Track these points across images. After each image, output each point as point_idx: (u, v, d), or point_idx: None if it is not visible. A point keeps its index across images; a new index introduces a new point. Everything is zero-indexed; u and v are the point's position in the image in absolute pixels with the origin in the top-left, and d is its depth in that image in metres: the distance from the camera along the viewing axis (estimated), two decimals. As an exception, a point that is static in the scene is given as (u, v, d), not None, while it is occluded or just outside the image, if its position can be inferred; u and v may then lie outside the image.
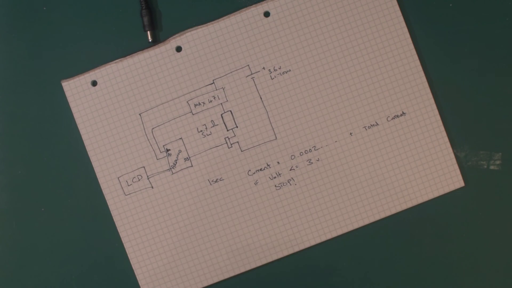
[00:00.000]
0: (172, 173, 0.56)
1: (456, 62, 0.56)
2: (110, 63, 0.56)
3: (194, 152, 0.56)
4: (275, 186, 0.56)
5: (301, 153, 0.56)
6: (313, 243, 0.56)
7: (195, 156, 0.56)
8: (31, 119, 0.57)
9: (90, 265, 0.57)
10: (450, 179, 0.56)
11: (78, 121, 0.56)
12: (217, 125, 0.56)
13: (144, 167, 0.56)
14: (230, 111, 0.56)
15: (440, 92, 0.56)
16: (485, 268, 0.56)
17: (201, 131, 0.56)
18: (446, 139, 0.56)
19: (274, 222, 0.56)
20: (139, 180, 0.56)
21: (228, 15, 0.56)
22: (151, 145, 0.56)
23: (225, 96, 0.56)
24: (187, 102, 0.56)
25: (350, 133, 0.56)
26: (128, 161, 0.56)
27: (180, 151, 0.56)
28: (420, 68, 0.56)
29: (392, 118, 0.56)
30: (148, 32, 0.56)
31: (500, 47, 0.56)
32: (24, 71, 0.57)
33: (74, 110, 0.56)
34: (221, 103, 0.56)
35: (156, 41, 0.57)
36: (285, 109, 0.56)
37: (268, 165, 0.56)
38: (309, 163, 0.56)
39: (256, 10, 0.56)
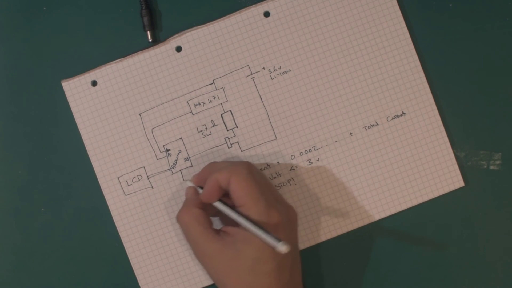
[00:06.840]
0: (172, 173, 0.56)
1: (456, 62, 0.56)
2: (110, 63, 0.56)
3: (194, 152, 0.56)
4: (275, 186, 0.56)
5: (301, 153, 0.56)
6: (313, 243, 0.56)
7: (195, 156, 0.56)
8: (31, 119, 0.57)
9: (90, 265, 0.57)
10: (450, 179, 0.56)
11: (78, 121, 0.56)
12: (217, 125, 0.56)
13: (144, 167, 0.56)
14: (230, 111, 0.56)
15: (440, 92, 0.56)
16: (485, 268, 0.56)
17: (201, 131, 0.56)
18: (446, 139, 0.56)
19: (274, 222, 0.56)
20: (139, 180, 0.56)
21: (228, 15, 0.56)
22: (151, 145, 0.56)
23: (225, 96, 0.56)
24: (187, 102, 0.56)
25: (350, 133, 0.56)
26: (128, 161, 0.56)
27: (180, 151, 0.56)
28: (420, 68, 0.56)
29: (392, 118, 0.56)
30: (148, 32, 0.56)
31: (500, 47, 0.56)
32: (24, 71, 0.57)
33: (74, 110, 0.56)
34: (221, 103, 0.56)
35: (156, 41, 0.57)
36: (285, 109, 0.56)
37: (268, 165, 0.56)
38: (309, 163, 0.56)
39: (256, 10, 0.56)
